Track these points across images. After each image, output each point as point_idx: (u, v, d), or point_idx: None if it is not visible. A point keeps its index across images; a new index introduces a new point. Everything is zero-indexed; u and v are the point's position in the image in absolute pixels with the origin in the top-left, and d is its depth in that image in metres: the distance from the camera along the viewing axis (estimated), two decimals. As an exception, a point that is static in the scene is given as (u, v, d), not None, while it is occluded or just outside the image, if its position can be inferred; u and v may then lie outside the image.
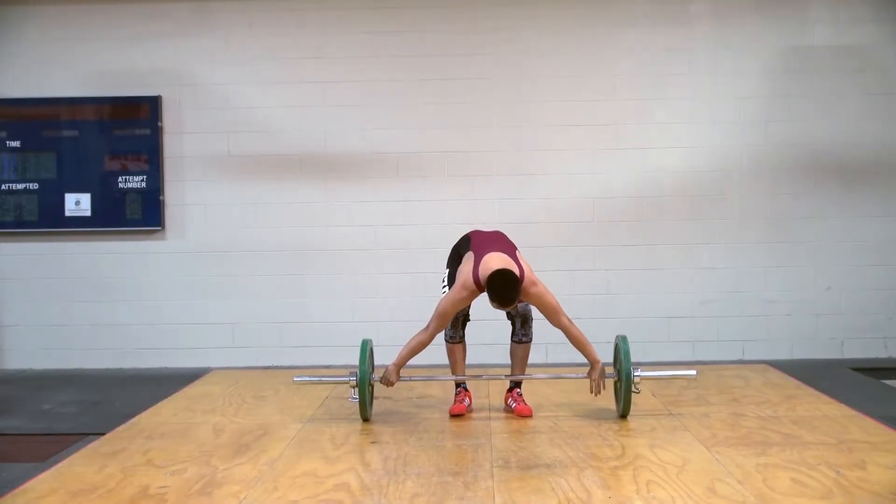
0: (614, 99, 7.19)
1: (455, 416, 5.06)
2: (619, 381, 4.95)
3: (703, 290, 7.20)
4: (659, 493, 3.67)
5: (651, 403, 5.31)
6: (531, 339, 5.11)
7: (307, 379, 5.29)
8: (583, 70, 7.19)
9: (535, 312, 4.98)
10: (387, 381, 4.94)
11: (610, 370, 5.01)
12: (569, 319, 4.83)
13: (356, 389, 4.85)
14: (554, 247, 7.13)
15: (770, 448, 4.32)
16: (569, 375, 5.26)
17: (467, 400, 5.19)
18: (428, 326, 4.82)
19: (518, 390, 5.18)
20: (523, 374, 5.17)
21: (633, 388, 4.85)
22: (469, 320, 5.15)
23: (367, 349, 4.94)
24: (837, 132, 7.16)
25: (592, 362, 4.89)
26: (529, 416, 5.02)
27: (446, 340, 5.12)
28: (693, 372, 5.27)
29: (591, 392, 4.92)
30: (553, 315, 4.78)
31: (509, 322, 5.15)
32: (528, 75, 7.22)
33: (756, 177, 7.19)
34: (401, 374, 5.01)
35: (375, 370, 5.08)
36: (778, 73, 7.18)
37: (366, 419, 4.99)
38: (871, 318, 7.18)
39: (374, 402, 5.21)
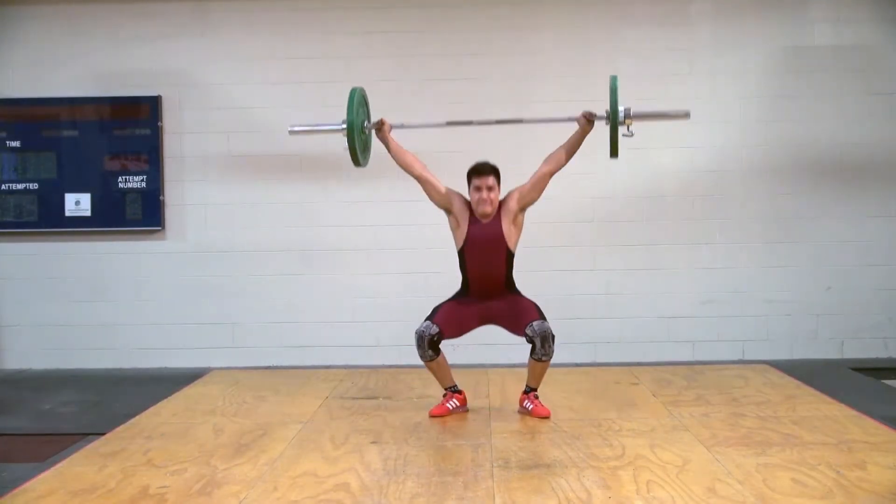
0: (614, 99, 7.18)
1: (435, 416, 5.00)
2: (606, 119, 4.94)
3: (703, 290, 7.20)
4: (659, 493, 3.68)
5: (651, 403, 5.32)
6: (551, 357, 4.97)
7: (302, 128, 5.38)
8: (583, 70, 7.19)
9: (555, 332, 4.95)
10: (380, 123, 5.26)
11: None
12: (544, 163, 5.20)
13: (347, 137, 4.97)
14: (554, 247, 7.13)
15: (770, 448, 4.32)
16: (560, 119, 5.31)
17: (454, 402, 5.12)
18: (415, 167, 5.32)
19: (534, 394, 5.13)
20: (537, 383, 5.09)
21: (626, 131, 4.86)
22: (439, 341, 4.96)
23: (355, 96, 5.03)
24: (837, 132, 7.16)
25: (577, 121, 5.19)
26: (548, 416, 4.96)
27: (423, 361, 5.03)
28: (686, 110, 5.16)
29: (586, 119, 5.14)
30: (540, 178, 5.19)
31: (529, 345, 4.99)
32: (527, 75, 7.22)
33: (756, 177, 7.19)
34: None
35: (371, 121, 5.20)
36: (778, 73, 7.18)
37: (358, 165, 5.20)
38: (871, 318, 7.18)
39: (374, 402, 5.21)
